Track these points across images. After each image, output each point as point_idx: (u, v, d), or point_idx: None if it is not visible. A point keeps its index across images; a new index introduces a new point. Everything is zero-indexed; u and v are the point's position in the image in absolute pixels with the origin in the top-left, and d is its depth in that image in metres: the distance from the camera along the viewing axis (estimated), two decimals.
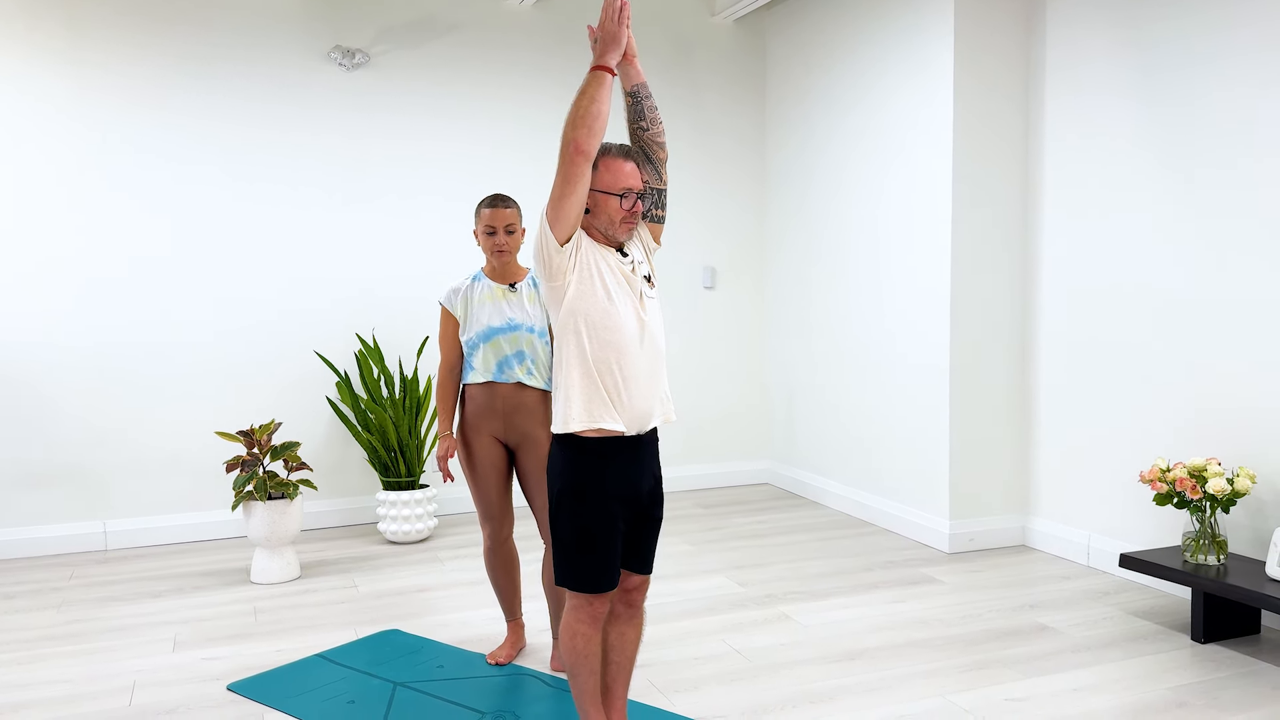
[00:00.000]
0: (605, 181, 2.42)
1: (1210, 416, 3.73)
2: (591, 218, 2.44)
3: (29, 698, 3.06)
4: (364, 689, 3.09)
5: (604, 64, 2.37)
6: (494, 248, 3.19)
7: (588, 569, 2.42)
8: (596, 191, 2.42)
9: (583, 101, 2.33)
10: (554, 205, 2.35)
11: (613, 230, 2.44)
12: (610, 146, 2.47)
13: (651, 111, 2.55)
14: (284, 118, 5.04)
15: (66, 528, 4.78)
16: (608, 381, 2.39)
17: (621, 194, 2.41)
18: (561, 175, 2.32)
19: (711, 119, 5.89)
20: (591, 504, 2.41)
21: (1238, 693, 2.99)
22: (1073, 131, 4.28)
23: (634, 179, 2.44)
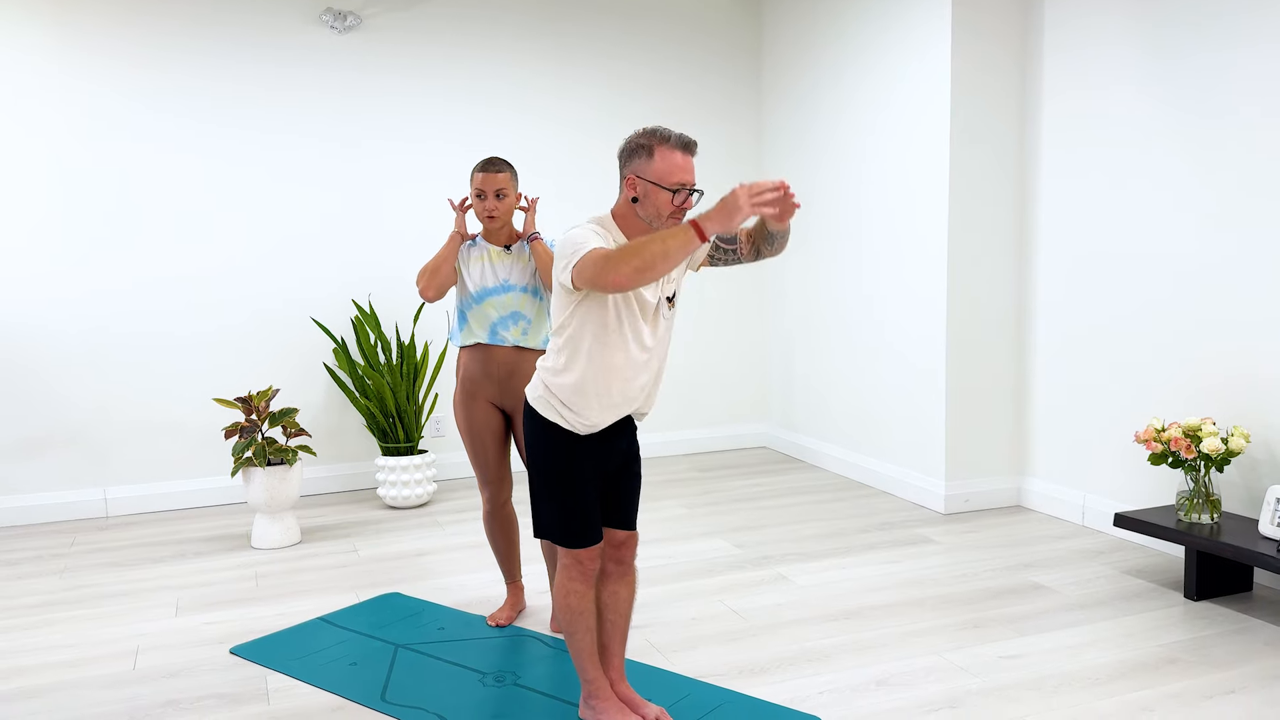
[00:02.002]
0: (658, 172, 2.32)
1: (1205, 377, 3.74)
2: (639, 206, 2.36)
3: (34, 662, 3.09)
4: (366, 651, 3.12)
5: (704, 229, 2.12)
6: (484, 212, 3.17)
7: (566, 522, 2.46)
8: (647, 181, 2.32)
9: (654, 249, 2.12)
10: (578, 274, 2.25)
11: (659, 224, 2.37)
12: (669, 135, 2.34)
13: (782, 240, 2.47)
14: (275, 82, 5.00)
15: (68, 495, 4.80)
16: (598, 394, 2.41)
17: (675, 189, 2.32)
18: (586, 278, 2.21)
19: (707, 79, 5.85)
20: (564, 463, 2.46)
21: (1229, 649, 3.03)
22: (1072, 90, 4.25)
23: (689, 173, 2.33)
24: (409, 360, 4.99)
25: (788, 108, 5.69)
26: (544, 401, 2.46)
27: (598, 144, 5.63)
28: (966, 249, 4.49)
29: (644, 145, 2.35)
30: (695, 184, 2.34)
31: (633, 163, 2.37)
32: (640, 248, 2.15)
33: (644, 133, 2.36)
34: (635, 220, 2.40)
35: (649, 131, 2.35)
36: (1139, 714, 2.61)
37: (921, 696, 2.74)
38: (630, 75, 5.66)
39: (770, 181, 2.15)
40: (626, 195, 2.38)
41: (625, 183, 2.38)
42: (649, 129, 2.36)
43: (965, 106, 4.42)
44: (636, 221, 2.40)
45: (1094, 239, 4.19)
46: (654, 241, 2.15)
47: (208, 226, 4.95)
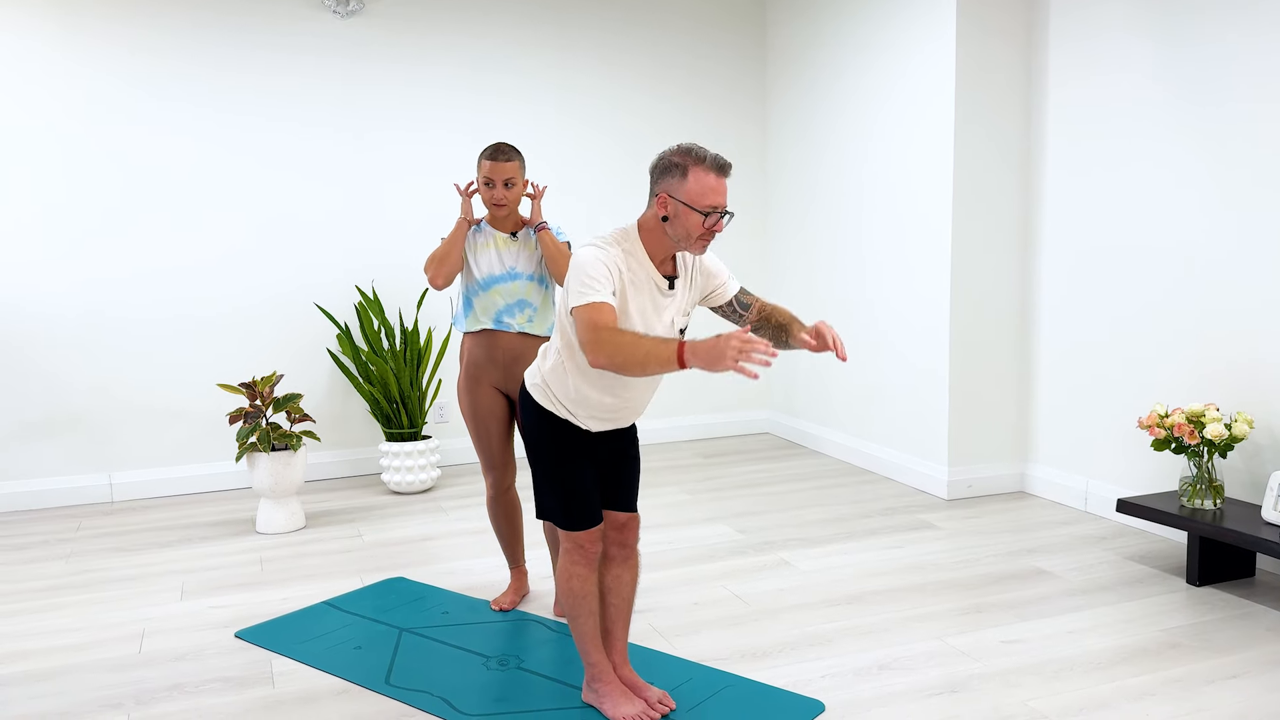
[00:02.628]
0: (691, 193, 2.25)
1: (1209, 363, 3.74)
2: (668, 225, 2.29)
3: (41, 645, 3.11)
4: (370, 635, 3.14)
5: (686, 360, 2.10)
6: (492, 200, 3.16)
7: (565, 505, 2.48)
8: (679, 201, 2.26)
9: (636, 356, 2.12)
10: (575, 319, 2.24)
11: (687, 245, 2.31)
12: (704, 155, 2.26)
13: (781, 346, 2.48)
14: (277, 68, 4.99)
15: (73, 480, 4.82)
16: (588, 405, 2.43)
17: (706, 211, 2.26)
18: (577, 330, 2.23)
19: (710, 62, 5.83)
20: (560, 449, 2.48)
21: (1231, 634, 3.03)
22: (1077, 81, 4.23)
23: (722, 195, 2.26)
24: (412, 346, 4.99)
25: (792, 98, 5.67)
26: (541, 391, 2.48)
27: (599, 135, 5.62)
28: (971, 236, 4.49)
29: (678, 164, 2.27)
30: (727, 206, 2.27)
31: (665, 181, 2.30)
32: (626, 347, 2.14)
33: (679, 151, 2.29)
34: (663, 237, 2.33)
35: (684, 150, 2.28)
36: (1140, 698, 2.62)
37: (923, 681, 2.75)
38: (633, 66, 5.64)
39: (764, 345, 2.05)
40: (656, 212, 2.31)
41: (656, 200, 2.31)
42: (684, 147, 2.28)
43: (969, 98, 4.40)
44: (663, 239, 2.33)
45: (1099, 227, 4.18)
46: (639, 349, 2.13)
47: (211, 212, 4.96)
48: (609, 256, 2.29)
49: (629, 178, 5.70)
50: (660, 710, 2.55)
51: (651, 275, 2.36)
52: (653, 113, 5.72)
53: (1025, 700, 2.62)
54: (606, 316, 2.20)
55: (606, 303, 2.22)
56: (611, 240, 2.34)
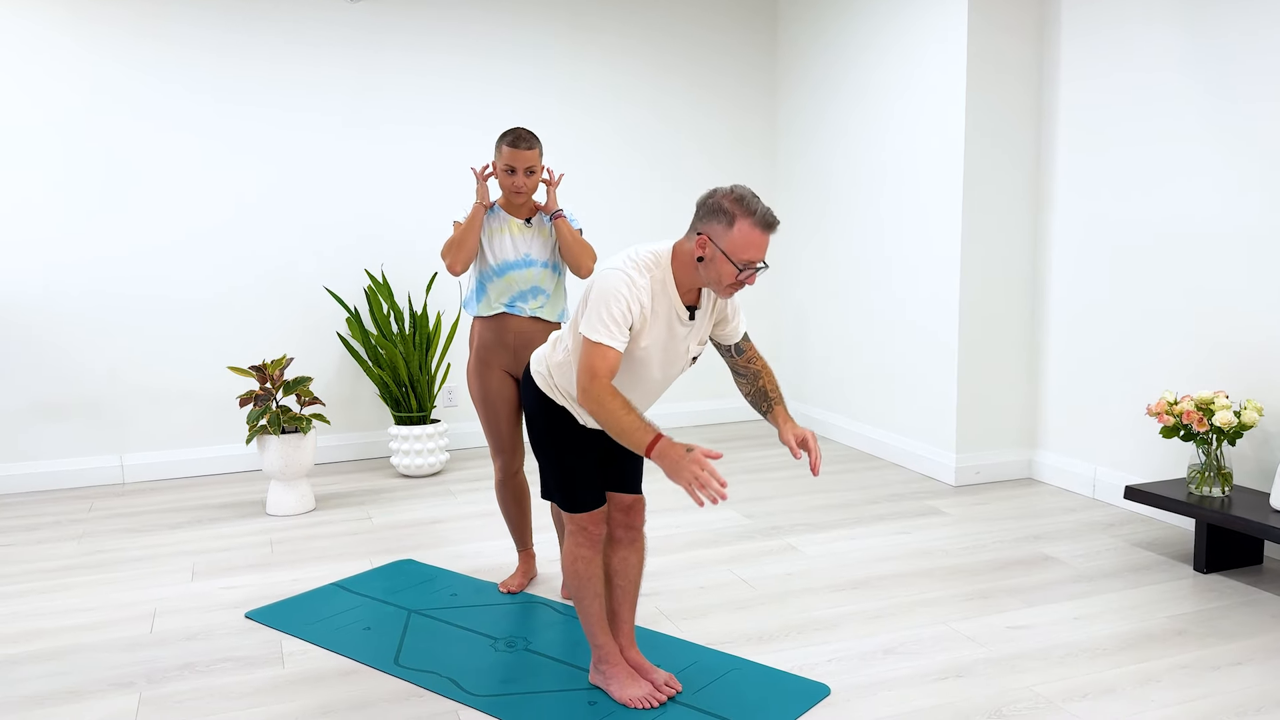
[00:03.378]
0: (733, 244, 2.20)
1: (1219, 350, 3.72)
2: (702, 267, 2.25)
3: (54, 625, 3.14)
4: (379, 616, 3.16)
5: (651, 452, 2.16)
6: (512, 188, 3.15)
7: (567, 487, 2.50)
8: (718, 248, 2.22)
9: (614, 424, 2.18)
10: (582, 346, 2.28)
11: (716, 289, 2.29)
12: (754, 208, 2.20)
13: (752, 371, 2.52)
14: (287, 53, 4.99)
15: (85, 461, 4.85)
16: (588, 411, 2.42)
17: (743, 265, 2.23)
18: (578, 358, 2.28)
19: (721, 52, 5.80)
20: (561, 434, 2.49)
21: (1237, 621, 3.03)
22: (1088, 66, 4.20)
23: (762, 251, 2.22)
24: (421, 330, 5.00)
25: (803, 84, 5.65)
26: (545, 379, 2.49)
27: (604, 126, 5.60)
28: (980, 224, 4.47)
29: (726, 211, 2.21)
30: (762, 261, 2.25)
31: (709, 223, 2.24)
32: (610, 412, 2.18)
33: (732, 197, 2.22)
34: (694, 273, 2.30)
35: (736, 198, 2.22)
36: (1145, 684, 2.63)
37: (928, 665, 2.76)
38: (640, 55, 5.62)
39: (720, 484, 2.08)
40: (694, 251, 2.26)
41: (696, 239, 2.25)
42: (738, 194, 2.22)
43: (981, 81, 4.38)
44: (694, 275, 2.30)
45: (1108, 213, 4.16)
46: (618, 422, 2.18)
47: (221, 196, 4.97)
48: (635, 290, 2.26)
49: (636, 170, 5.69)
50: (667, 692, 2.57)
51: (674, 306, 2.33)
52: (662, 101, 5.70)
53: (1030, 685, 2.63)
54: (610, 363, 2.22)
55: (614, 350, 2.23)
56: (644, 266, 2.29)
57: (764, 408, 2.51)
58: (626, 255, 2.32)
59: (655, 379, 2.43)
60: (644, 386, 2.44)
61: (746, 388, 2.54)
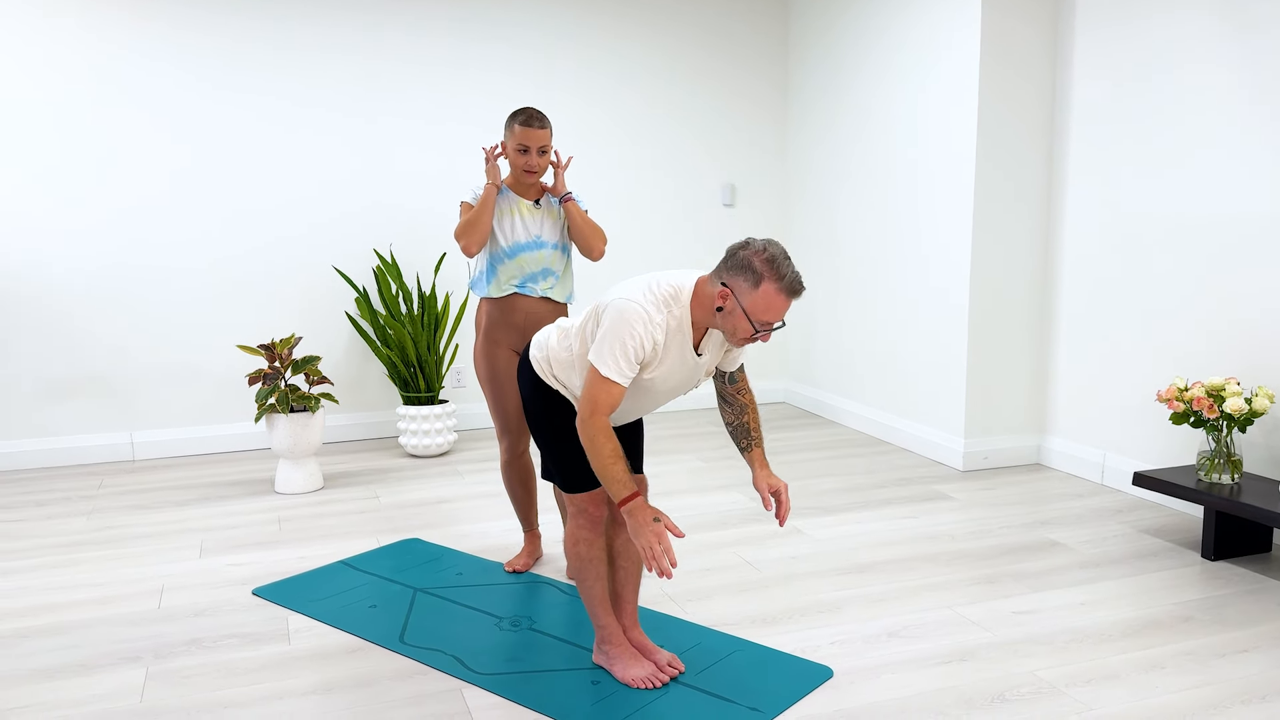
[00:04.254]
0: (755, 306, 2.19)
1: (1230, 336, 3.69)
2: (719, 316, 2.25)
3: (64, 599, 3.17)
4: (385, 594, 3.17)
5: (622, 507, 2.25)
6: (525, 166, 3.14)
7: (565, 468, 2.50)
8: (739, 304, 2.20)
9: (597, 463, 2.25)
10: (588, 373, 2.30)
11: (730, 339, 2.29)
12: (784, 273, 2.18)
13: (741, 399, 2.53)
14: (298, 32, 4.98)
15: (95, 438, 4.88)
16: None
17: (760, 326, 2.22)
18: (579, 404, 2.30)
19: (731, 27, 5.76)
20: (558, 418, 2.50)
21: (1244, 608, 3.02)
22: (1100, 53, 4.16)
23: (781, 315, 2.21)
24: (430, 310, 5.01)
25: (818, 60, 5.61)
26: (543, 367, 2.49)
27: (610, 110, 5.58)
28: (991, 209, 4.44)
29: (755, 271, 2.18)
30: (780, 322, 2.23)
31: (735, 277, 2.21)
32: (599, 453, 2.24)
33: (764, 258, 2.19)
34: (710, 317, 2.28)
35: (768, 260, 2.19)
36: (1149, 671, 2.62)
37: (932, 649, 2.76)
38: (650, 41, 5.58)
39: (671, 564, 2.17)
40: (715, 299, 2.25)
41: (719, 289, 2.23)
42: (769, 256, 2.19)
43: (994, 68, 4.33)
44: (710, 318, 2.29)
45: (1120, 200, 4.12)
46: (604, 467, 2.23)
47: (230, 175, 4.97)
48: (650, 327, 2.25)
49: (642, 156, 5.67)
50: (669, 673, 2.58)
51: (687, 343, 2.33)
52: (672, 85, 5.67)
53: (1034, 670, 2.63)
54: (614, 399, 2.25)
55: (620, 386, 2.25)
56: (662, 301, 2.28)
57: (743, 444, 2.53)
58: (647, 286, 2.29)
59: (659, 398, 2.46)
60: (646, 402, 2.47)
61: (731, 417, 2.56)
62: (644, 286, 2.29)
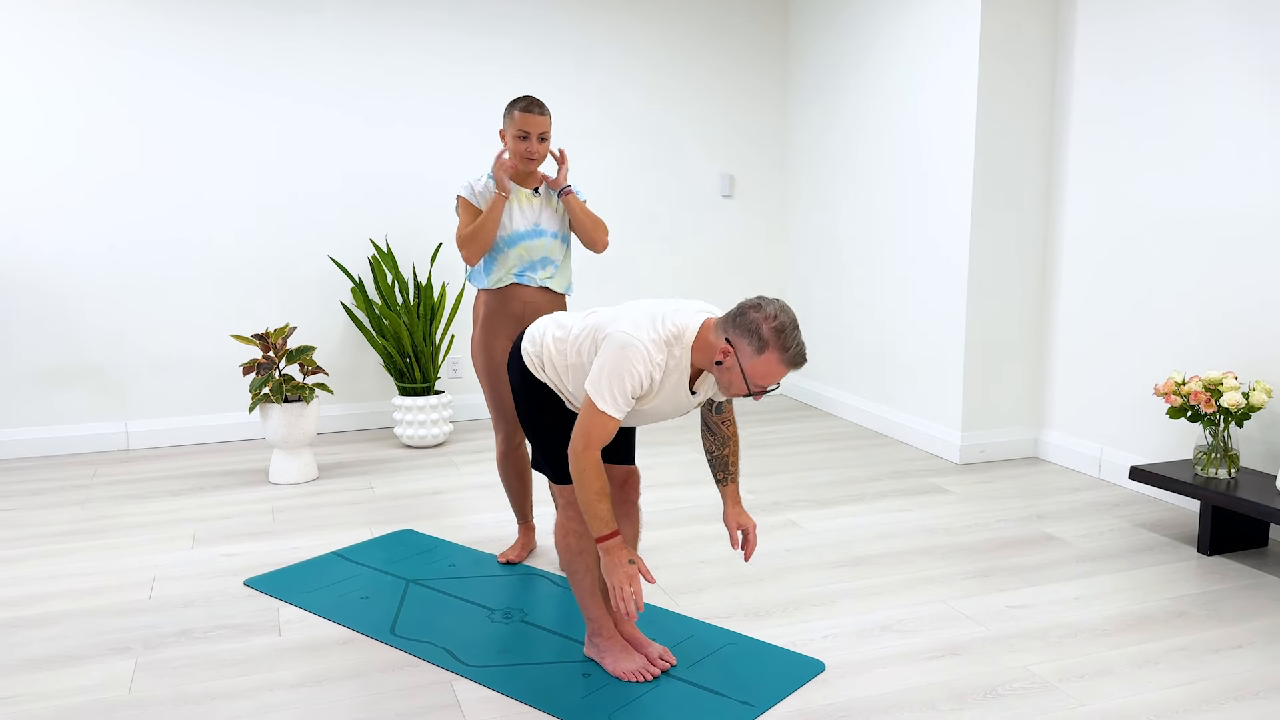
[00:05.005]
0: (754, 370, 2.18)
1: (1228, 331, 3.67)
2: (720, 369, 2.22)
3: (55, 589, 3.16)
4: (377, 585, 3.16)
5: (600, 547, 2.29)
6: (525, 153, 3.13)
7: (554, 459, 2.50)
8: (739, 363, 2.19)
9: (584, 502, 2.28)
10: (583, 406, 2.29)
11: (724, 391, 2.28)
12: (789, 344, 2.15)
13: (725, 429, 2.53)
14: (296, 24, 4.95)
15: (89, 427, 4.87)
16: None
17: (755, 388, 2.21)
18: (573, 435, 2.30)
19: (732, 21, 5.73)
20: (548, 411, 2.49)
21: (1240, 603, 3.01)
22: (1101, 48, 4.13)
23: (777, 380, 2.21)
24: (426, 301, 4.99)
25: (818, 53, 5.58)
26: (533, 361, 2.47)
27: (598, 108, 5.55)
28: (990, 202, 4.41)
29: (761, 337, 2.16)
30: (775, 385, 2.23)
31: (740, 338, 2.18)
32: (588, 488, 2.26)
33: (772, 326, 2.16)
34: (708, 364, 2.26)
35: (776, 329, 2.15)
36: (1143, 666, 2.61)
37: (926, 643, 2.75)
38: (649, 35, 5.55)
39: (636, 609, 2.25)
40: (715, 352, 2.23)
41: (722, 344, 2.20)
42: (778, 325, 2.16)
43: (994, 61, 4.31)
44: (708, 365, 2.26)
45: (1118, 194, 4.10)
46: (590, 504, 2.26)
47: (227, 164, 4.94)
48: (650, 366, 2.23)
49: (641, 150, 5.64)
50: (661, 666, 2.56)
51: (683, 380, 2.32)
52: (671, 78, 5.64)
53: (1027, 665, 2.61)
54: (609, 432, 2.26)
55: (615, 421, 2.25)
56: (665, 342, 2.25)
57: (720, 477, 2.54)
58: (651, 322, 2.26)
59: (646, 419, 2.45)
60: (633, 421, 2.47)
61: (712, 447, 2.55)
62: (648, 321, 2.26)
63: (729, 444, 2.54)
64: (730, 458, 2.54)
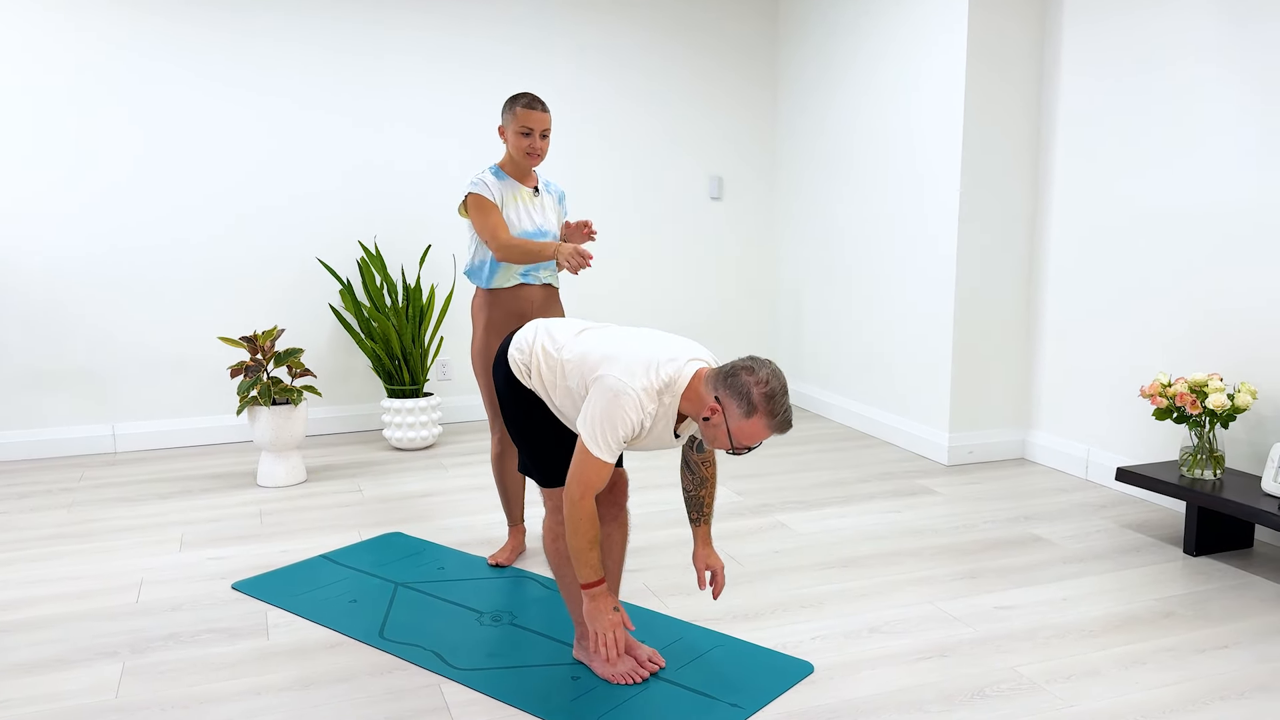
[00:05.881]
0: (741, 432, 2.18)
1: (1213, 333, 3.70)
2: (706, 424, 2.23)
3: (42, 593, 3.14)
4: (366, 588, 3.15)
5: (586, 593, 2.33)
6: (527, 149, 3.15)
7: (538, 462, 2.50)
8: (725, 422, 2.19)
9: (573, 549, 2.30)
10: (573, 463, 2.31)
11: (707, 443, 2.28)
12: (777, 412, 2.16)
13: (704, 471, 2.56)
14: (280, 20, 4.93)
15: (76, 430, 4.85)
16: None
17: (739, 447, 2.22)
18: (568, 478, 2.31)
19: (718, 17, 5.74)
20: (533, 415, 2.49)
21: (1226, 603, 3.03)
22: (1089, 47, 4.15)
23: (759, 440, 2.21)
24: (415, 303, 4.98)
25: (807, 55, 5.59)
26: (520, 369, 2.47)
27: (590, 108, 5.55)
28: (977, 203, 4.43)
29: (750, 402, 2.16)
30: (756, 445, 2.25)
31: (730, 399, 2.18)
32: (581, 537, 2.28)
33: (763, 392, 2.16)
34: (697, 417, 2.26)
35: (766, 395, 2.16)
36: (1130, 666, 2.62)
37: (914, 644, 2.75)
38: (636, 35, 5.56)
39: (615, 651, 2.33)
40: (704, 408, 2.22)
41: (710, 401, 2.21)
42: (769, 391, 2.16)
43: (981, 62, 4.32)
44: (695, 415, 2.27)
45: (1105, 195, 4.12)
46: (584, 552, 2.29)
47: (212, 165, 4.93)
48: (642, 414, 2.23)
49: (631, 151, 5.64)
50: (650, 668, 2.57)
51: (669, 425, 2.33)
52: (660, 80, 5.64)
53: (1014, 666, 2.62)
54: (604, 477, 2.27)
55: (609, 465, 2.26)
56: (657, 392, 2.25)
57: (693, 517, 2.57)
58: (645, 368, 2.25)
59: (631, 451, 2.49)
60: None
61: (690, 486, 2.57)
62: (642, 368, 2.25)
63: (706, 485, 2.57)
64: (706, 499, 2.57)
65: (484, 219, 3.11)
